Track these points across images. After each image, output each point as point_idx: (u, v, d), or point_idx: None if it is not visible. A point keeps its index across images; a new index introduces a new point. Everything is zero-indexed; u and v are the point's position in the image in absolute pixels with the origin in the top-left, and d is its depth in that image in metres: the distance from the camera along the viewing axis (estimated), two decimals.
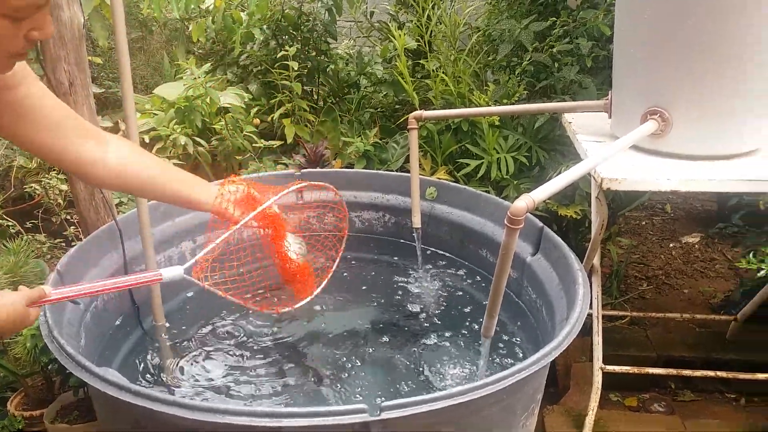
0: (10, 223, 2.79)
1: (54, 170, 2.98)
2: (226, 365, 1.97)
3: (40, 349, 1.91)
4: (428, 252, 2.57)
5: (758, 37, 1.80)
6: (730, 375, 2.31)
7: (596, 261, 2.29)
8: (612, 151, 1.85)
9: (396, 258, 2.61)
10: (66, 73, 1.93)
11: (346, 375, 1.92)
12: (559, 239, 2.00)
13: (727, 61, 1.84)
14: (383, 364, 1.96)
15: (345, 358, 1.99)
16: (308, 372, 1.94)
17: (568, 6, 3.08)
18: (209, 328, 2.14)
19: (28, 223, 2.92)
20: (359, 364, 1.96)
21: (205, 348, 2.04)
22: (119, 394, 1.34)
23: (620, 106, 2.15)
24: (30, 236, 2.70)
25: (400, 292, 2.36)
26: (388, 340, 2.08)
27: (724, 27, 1.80)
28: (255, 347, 2.05)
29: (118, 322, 2.07)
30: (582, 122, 2.39)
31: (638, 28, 1.99)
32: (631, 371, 2.30)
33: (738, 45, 1.81)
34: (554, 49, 2.88)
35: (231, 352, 2.03)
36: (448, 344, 2.05)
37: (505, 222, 1.49)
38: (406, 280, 2.44)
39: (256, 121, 3.31)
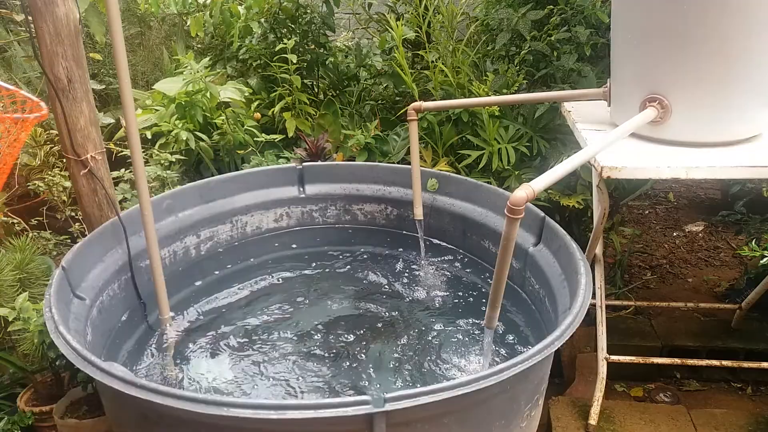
0: (15, 221, 2.80)
1: (57, 167, 2.99)
2: (230, 358, 1.99)
3: (48, 344, 1.91)
4: (430, 243, 2.58)
5: (757, 20, 1.79)
6: (736, 364, 2.31)
7: (599, 250, 2.29)
8: (611, 139, 1.85)
9: (399, 250, 2.61)
10: (64, 69, 1.93)
11: (350, 366, 1.94)
12: (560, 229, 2.00)
13: (726, 46, 1.83)
14: (387, 355, 1.98)
15: (349, 350, 2.00)
16: (312, 364, 1.96)
17: None
18: (214, 321, 2.16)
19: (33, 220, 2.92)
20: (363, 355, 1.98)
21: (210, 341, 2.06)
22: (125, 388, 1.35)
23: (619, 94, 2.15)
24: (35, 233, 2.71)
25: (402, 284, 2.37)
26: (391, 331, 2.10)
27: (722, 11, 1.79)
28: (259, 340, 2.07)
29: (124, 317, 2.08)
30: (582, 111, 2.38)
31: (634, 14, 1.98)
32: (636, 361, 2.30)
33: (737, 29, 1.81)
34: (552, 38, 2.87)
35: (235, 345, 2.04)
36: (451, 335, 2.06)
37: (506, 212, 1.50)
38: (408, 271, 2.45)
39: (257, 115, 3.31)
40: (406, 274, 2.42)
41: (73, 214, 2.80)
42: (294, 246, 2.66)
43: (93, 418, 2.06)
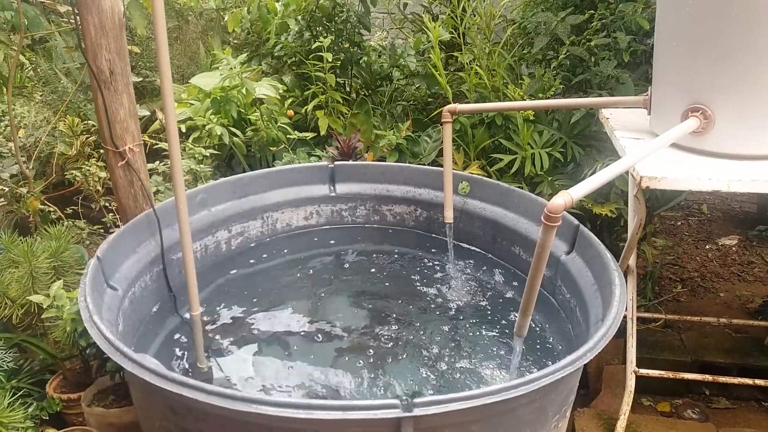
0: (51, 209, 2.86)
1: (94, 158, 3.04)
2: (256, 354, 2.00)
3: (79, 333, 1.94)
4: (459, 247, 2.56)
5: None
6: None
7: (632, 261, 2.25)
8: (652, 149, 1.81)
9: (427, 253, 2.60)
10: (107, 61, 1.95)
11: (375, 368, 1.93)
12: (595, 238, 1.97)
13: None
14: (413, 359, 1.96)
15: (374, 351, 2.00)
16: (337, 364, 1.96)
17: None
18: (244, 317, 2.17)
19: (68, 209, 2.98)
20: (388, 358, 1.97)
21: (238, 336, 2.07)
22: (156, 380, 1.36)
23: (660, 103, 2.10)
24: (70, 222, 2.76)
25: (430, 287, 2.35)
26: (417, 334, 2.08)
27: None
28: (286, 338, 2.07)
29: (154, 309, 2.11)
30: (620, 118, 2.34)
31: (680, 21, 1.93)
32: (665, 376, 2.26)
33: None
34: (591, 43, 2.83)
35: (262, 342, 2.05)
36: (478, 341, 2.04)
37: (542, 219, 1.47)
38: (436, 275, 2.43)
39: (290, 112, 3.32)
40: (434, 278, 2.41)
41: (107, 204, 2.85)
42: (323, 244, 2.66)
43: (120, 408, 2.09)
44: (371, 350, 2.00)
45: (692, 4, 1.86)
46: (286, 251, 2.58)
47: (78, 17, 1.92)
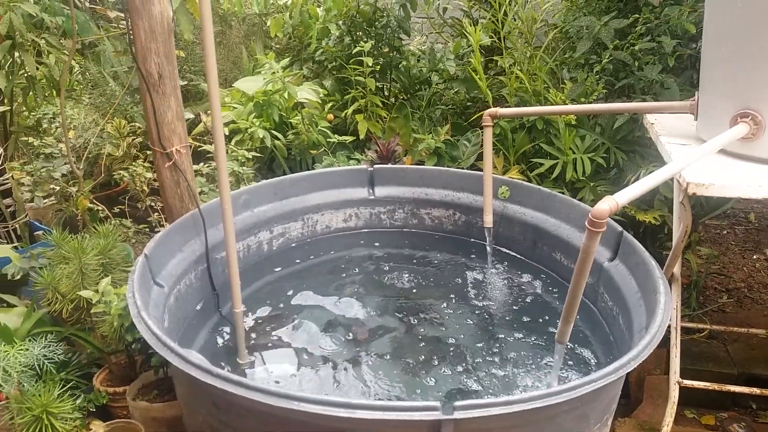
0: (99, 208, 2.94)
1: (140, 159, 3.13)
2: (296, 352, 2.02)
3: (126, 328, 2.00)
4: (498, 252, 2.55)
5: None
6: None
7: (677, 270, 2.21)
8: (699, 155, 1.78)
9: (465, 257, 2.59)
10: (156, 65, 2.01)
11: (414, 371, 1.93)
12: (639, 245, 1.94)
13: None
14: (450, 362, 1.96)
15: (412, 355, 2.00)
16: (375, 365, 1.96)
17: (649, 2, 2.97)
18: (283, 316, 2.20)
19: (115, 208, 3.07)
20: (426, 360, 1.97)
21: (278, 335, 2.10)
22: (201, 375, 1.39)
23: (708, 108, 2.06)
24: (117, 221, 2.84)
25: (468, 291, 2.34)
26: (455, 338, 2.08)
27: None
28: (325, 337, 2.09)
29: (198, 306, 2.15)
30: (666, 124, 2.30)
31: (729, 24, 1.89)
32: (710, 387, 2.20)
33: None
34: (636, 47, 2.78)
35: (301, 341, 2.07)
36: (516, 347, 2.03)
37: (587, 225, 1.46)
38: (475, 279, 2.42)
39: (330, 116, 3.36)
40: (472, 282, 2.40)
41: (152, 204, 2.92)
42: (361, 247, 2.68)
43: (163, 402, 2.13)
44: (408, 352, 2.01)
45: (741, 6, 1.82)
46: (325, 253, 2.61)
47: (129, 22, 1.99)
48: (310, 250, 2.60)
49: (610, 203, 1.44)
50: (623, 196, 1.48)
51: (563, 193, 2.71)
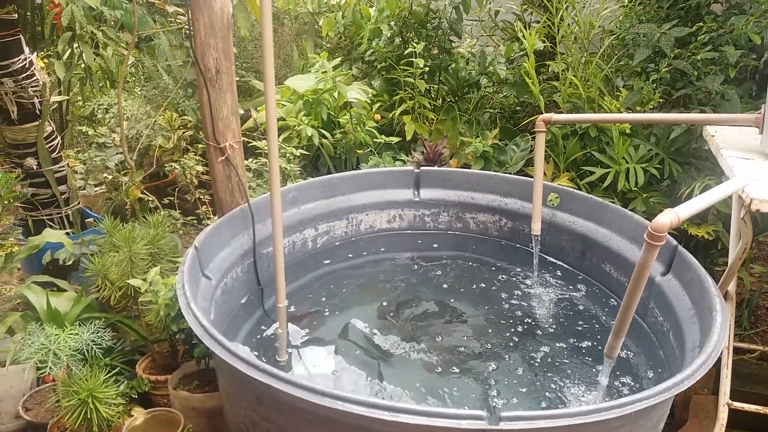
0: (149, 198, 3.00)
1: (192, 151, 3.18)
2: (335, 351, 2.02)
3: (171, 318, 2.03)
4: (544, 260, 2.50)
5: None
6: None
7: (731, 287, 2.13)
8: (765, 170, 1.71)
9: (509, 264, 2.55)
10: (214, 60, 2.04)
11: (455, 378, 1.91)
12: (694, 260, 1.88)
13: None
14: (492, 371, 1.93)
15: (454, 361, 1.97)
16: (416, 370, 1.95)
17: (712, 11, 2.87)
18: (324, 313, 2.21)
19: (164, 199, 3.12)
20: (467, 368, 1.94)
21: (320, 333, 2.10)
22: (247, 369, 1.40)
23: None
24: (167, 212, 2.89)
25: (513, 300, 2.31)
26: (498, 347, 2.05)
27: None
28: (365, 338, 2.08)
29: (243, 300, 2.17)
30: (727, 136, 2.22)
31: None
32: (760, 411, 2.11)
33: None
34: (697, 57, 2.70)
35: (342, 339, 2.07)
36: (561, 359, 1.98)
37: (646, 238, 1.41)
38: (520, 287, 2.38)
39: (377, 116, 3.36)
40: (517, 290, 2.36)
41: (201, 196, 2.96)
42: (405, 248, 2.66)
43: (203, 393, 2.16)
44: (451, 358, 1.99)
45: None
46: (368, 252, 2.61)
47: (189, 17, 2.01)
48: (353, 249, 2.60)
49: (671, 216, 1.39)
50: (685, 210, 1.43)
51: (614, 203, 2.64)
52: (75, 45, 2.82)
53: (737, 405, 2.09)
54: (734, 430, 2.34)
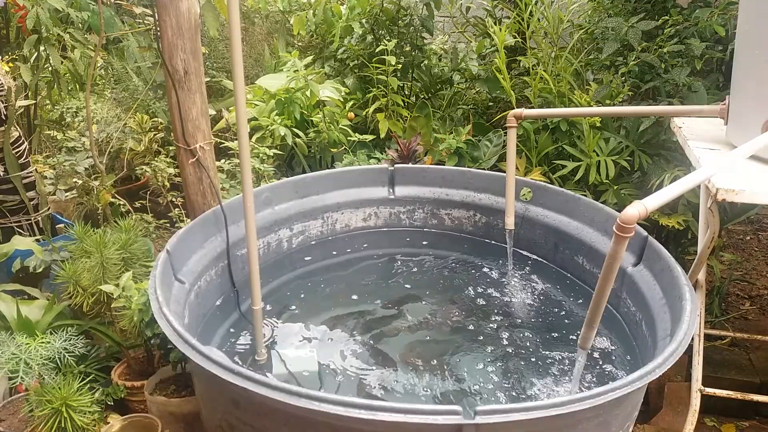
0: (121, 202, 2.96)
1: (162, 154, 3.14)
2: (315, 352, 2.01)
3: (145, 323, 2.01)
4: (519, 255, 2.52)
5: None
6: None
7: (701, 276, 2.17)
8: (730, 161, 1.74)
9: (484, 259, 2.57)
10: (182, 61, 2.02)
11: (432, 374, 1.92)
12: (664, 250, 1.91)
13: None
14: (468, 366, 1.94)
15: (431, 357, 1.98)
16: (393, 367, 1.95)
17: (677, 4, 2.92)
18: (302, 315, 2.20)
19: (136, 203, 3.08)
20: (443, 364, 1.95)
21: (297, 334, 2.09)
22: (222, 373, 1.39)
23: (739, 113, 2.01)
24: (139, 216, 2.85)
25: (487, 294, 2.32)
26: (473, 342, 2.06)
27: None
28: (343, 337, 2.08)
29: (218, 303, 2.16)
30: (694, 128, 2.26)
31: (764, 29, 1.85)
32: (732, 396, 2.16)
33: None
34: (664, 50, 2.74)
35: (320, 341, 2.07)
36: (536, 352, 2.00)
37: (615, 230, 1.43)
38: (495, 282, 2.40)
39: (351, 114, 3.36)
40: (492, 285, 2.38)
41: (173, 199, 2.93)
42: (380, 246, 2.67)
43: (180, 398, 2.14)
44: (427, 355, 1.99)
45: None
46: (344, 251, 2.60)
47: (156, 18, 1.99)
48: (329, 248, 2.59)
49: (639, 208, 1.41)
50: (652, 202, 1.45)
51: (586, 195, 2.68)
52: (41, 48, 2.76)
53: (710, 391, 2.12)
54: (708, 415, 2.40)
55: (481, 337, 2.08)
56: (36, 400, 1.88)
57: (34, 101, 3.29)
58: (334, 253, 2.59)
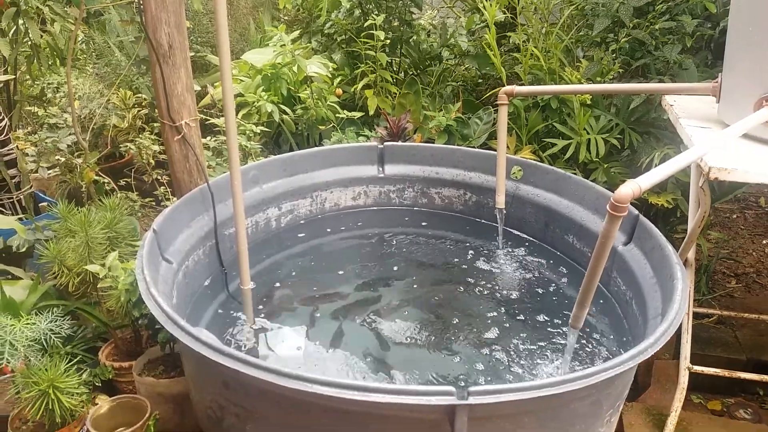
0: (105, 180, 2.91)
1: (147, 131, 3.08)
2: (305, 332, 2.00)
3: (133, 303, 1.98)
4: (509, 233, 2.52)
5: None
6: None
7: (691, 255, 2.17)
8: (723, 139, 1.73)
9: (475, 238, 2.56)
10: (166, 35, 1.96)
11: (424, 354, 1.92)
12: (655, 229, 1.91)
13: None
14: (459, 346, 1.94)
15: (422, 337, 1.98)
16: (385, 347, 1.95)
17: None
18: (291, 294, 2.18)
19: (121, 181, 3.03)
20: (434, 344, 1.95)
21: (287, 314, 2.08)
22: (212, 354, 1.37)
23: (732, 91, 2.00)
24: (123, 194, 2.80)
25: (479, 273, 2.32)
26: (465, 322, 2.06)
27: None
28: (333, 317, 2.07)
29: (206, 283, 2.13)
30: (685, 105, 2.24)
31: (757, 5, 1.83)
32: (719, 374, 2.18)
33: None
34: (655, 26, 2.71)
35: (310, 320, 2.06)
36: (527, 331, 2.01)
37: (608, 209, 1.42)
38: (485, 261, 2.39)
39: (339, 91, 3.30)
40: (483, 264, 2.37)
41: (158, 177, 2.88)
42: (370, 225, 2.65)
43: (169, 378, 2.12)
44: (418, 335, 1.99)
45: None
46: (333, 230, 2.58)
47: None
48: (318, 227, 2.57)
49: (632, 187, 1.40)
50: (646, 180, 1.44)
51: (576, 174, 2.67)
52: (20, 21, 2.68)
53: (697, 369, 2.14)
54: (694, 392, 2.43)
55: (473, 317, 2.07)
56: (22, 382, 1.86)
57: (14, 76, 3.20)
58: (325, 231, 2.57)
